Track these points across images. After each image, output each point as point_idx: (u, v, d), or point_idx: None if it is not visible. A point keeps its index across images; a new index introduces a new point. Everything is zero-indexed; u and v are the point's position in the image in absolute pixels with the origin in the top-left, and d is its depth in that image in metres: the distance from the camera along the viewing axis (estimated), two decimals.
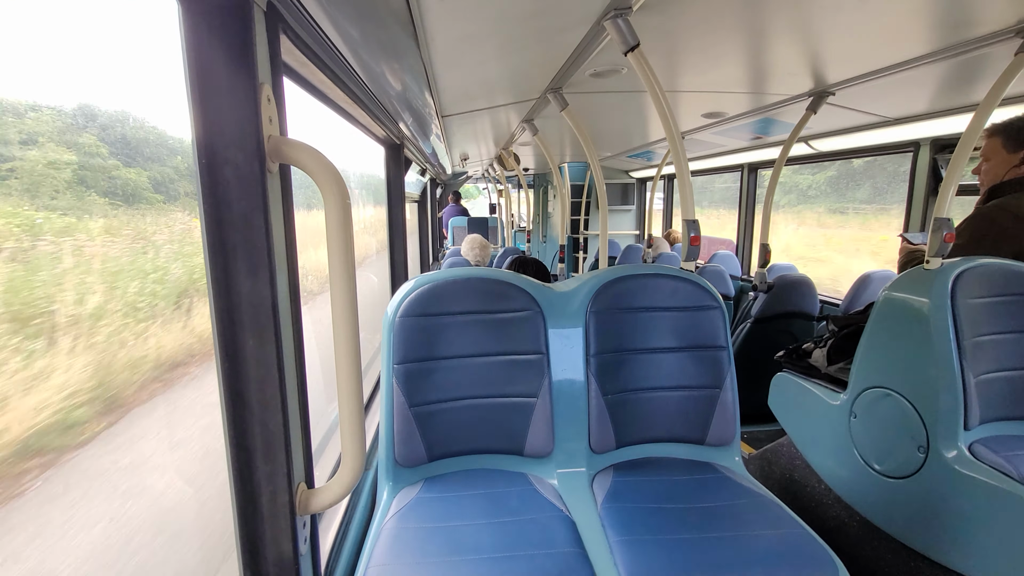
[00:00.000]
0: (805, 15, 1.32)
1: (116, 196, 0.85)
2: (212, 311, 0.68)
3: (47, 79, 0.68)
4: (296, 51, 0.92)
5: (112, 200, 0.83)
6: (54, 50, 0.68)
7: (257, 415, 0.71)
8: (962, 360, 1.35)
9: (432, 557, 0.98)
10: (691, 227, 1.44)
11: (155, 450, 0.91)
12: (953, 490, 1.30)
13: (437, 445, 1.31)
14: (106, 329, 0.77)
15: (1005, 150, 1.64)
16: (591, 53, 1.57)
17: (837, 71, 1.83)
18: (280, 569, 0.76)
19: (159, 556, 0.86)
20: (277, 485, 0.73)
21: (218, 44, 0.63)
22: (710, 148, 3.83)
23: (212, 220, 0.66)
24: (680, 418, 1.42)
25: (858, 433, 1.60)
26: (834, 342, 1.84)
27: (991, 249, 1.54)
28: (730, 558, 0.99)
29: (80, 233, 0.75)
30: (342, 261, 0.72)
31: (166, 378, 0.92)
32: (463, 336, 1.34)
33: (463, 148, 4.47)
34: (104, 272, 0.79)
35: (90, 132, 0.78)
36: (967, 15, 1.30)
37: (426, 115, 2.36)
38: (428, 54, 1.53)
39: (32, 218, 0.67)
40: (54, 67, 0.69)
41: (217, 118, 0.64)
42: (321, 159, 0.71)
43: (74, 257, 0.73)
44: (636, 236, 6.14)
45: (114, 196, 0.84)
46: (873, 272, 2.86)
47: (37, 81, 0.67)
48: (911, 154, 2.66)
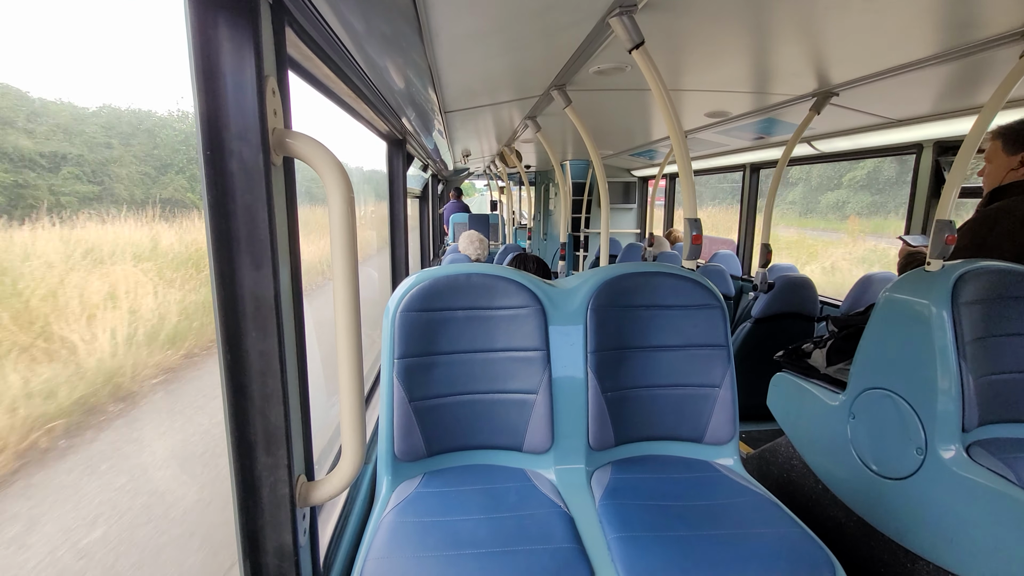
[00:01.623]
0: (810, 15, 1.32)
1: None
2: (215, 303, 0.68)
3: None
4: (301, 45, 0.92)
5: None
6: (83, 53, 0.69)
7: (258, 407, 0.72)
8: (961, 362, 1.35)
9: (430, 551, 0.99)
10: (693, 226, 1.44)
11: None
12: (950, 492, 1.31)
13: (436, 440, 1.32)
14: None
15: (1005, 153, 1.65)
16: (596, 50, 1.57)
17: (841, 72, 1.82)
18: (280, 560, 0.77)
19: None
20: (277, 477, 0.74)
21: (224, 37, 0.63)
22: (712, 147, 3.83)
23: (216, 212, 0.66)
24: (679, 416, 1.42)
25: (856, 434, 1.60)
26: (834, 343, 1.84)
27: (992, 252, 1.54)
28: (727, 556, 0.99)
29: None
30: (345, 254, 0.72)
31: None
32: (464, 332, 1.34)
33: (465, 144, 4.47)
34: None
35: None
36: (972, 17, 1.30)
37: (429, 111, 2.36)
38: (432, 50, 1.53)
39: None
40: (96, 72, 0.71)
41: (222, 110, 0.64)
42: (325, 152, 0.71)
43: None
44: (637, 235, 6.14)
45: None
46: (874, 274, 2.86)
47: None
48: (914, 156, 2.66)
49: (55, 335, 0.77)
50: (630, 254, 4.70)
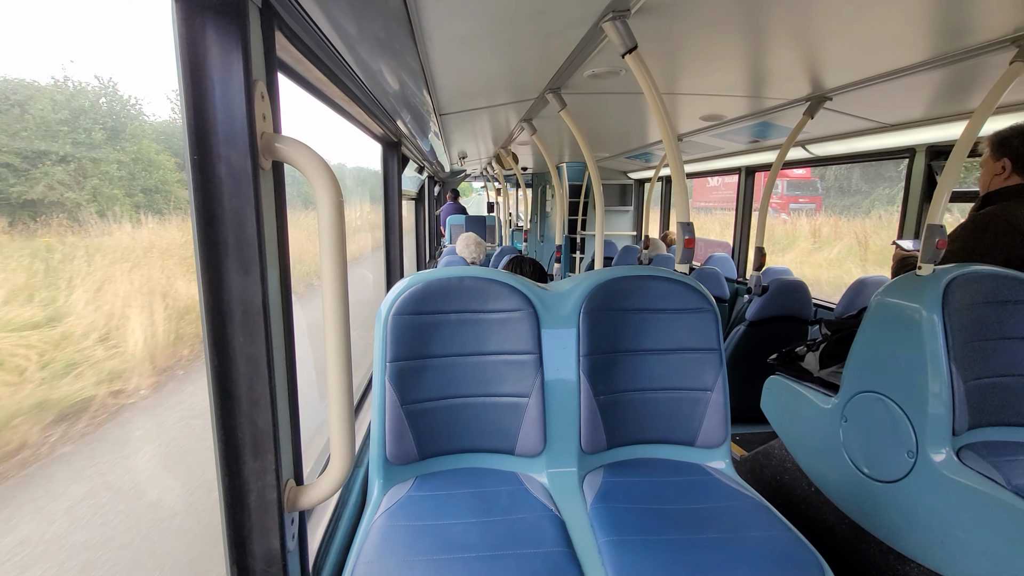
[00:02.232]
0: (803, 20, 1.32)
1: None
2: (202, 308, 0.68)
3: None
4: (291, 48, 0.92)
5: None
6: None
7: (246, 412, 0.72)
8: (952, 366, 1.36)
9: (421, 555, 0.98)
10: (686, 229, 1.44)
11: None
12: (941, 495, 1.31)
13: (428, 443, 1.31)
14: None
15: (992, 159, 1.67)
16: (589, 54, 1.57)
17: (834, 76, 1.83)
18: (267, 565, 0.76)
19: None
20: (265, 482, 0.73)
21: (212, 40, 0.63)
22: (708, 150, 3.84)
23: (203, 216, 0.66)
24: (671, 420, 1.42)
25: (848, 437, 1.61)
26: (827, 346, 1.85)
27: (983, 256, 1.55)
28: (717, 560, 1.00)
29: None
30: (334, 259, 0.72)
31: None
32: (456, 335, 1.34)
33: (461, 146, 4.47)
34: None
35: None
36: (964, 23, 1.31)
37: (424, 113, 2.36)
38: (426, 52, 1.53)
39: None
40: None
41: (210, 114, 0.64)
42: (314, 157, 0.71)
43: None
44: (633, 237, 6.14)
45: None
46: (867, 277, 2.87)
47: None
48: (907, 160, 2.68)
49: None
50: (626, 257, 4.71)
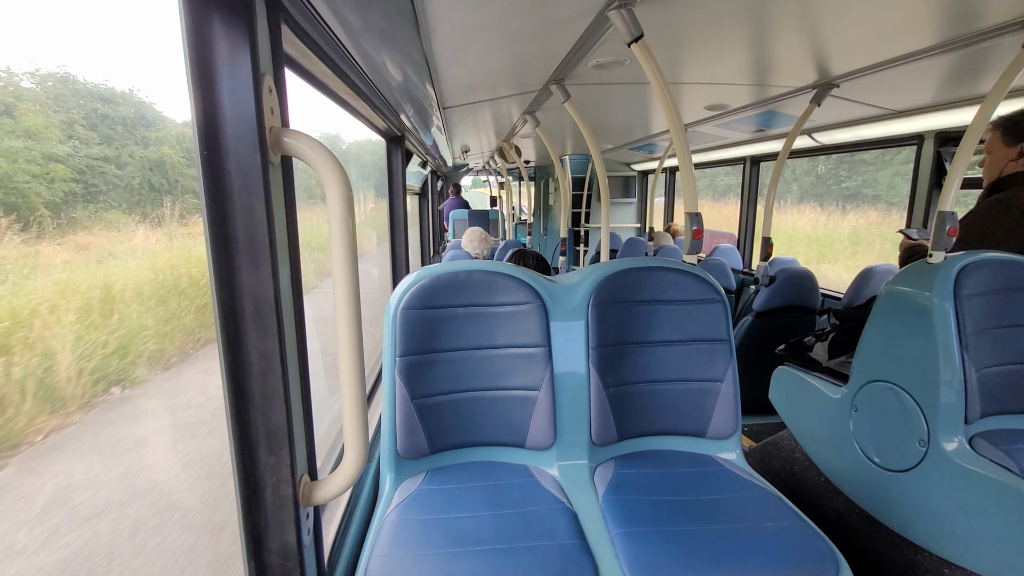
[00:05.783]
0: (810, 6, 1.30)
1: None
2: (214, 303, 0.68)
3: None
4: (298, 41, 0.91)
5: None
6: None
7: (260, 407, 0.72)
8: (964, 354, 1.35)
9: (434, 548, 0.99)
10: (694, 220, 1.43)
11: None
12: (953, 483, 1.31)
13: (439, 437, 1.32)
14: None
15: (1004, 144, 1.64)
16: (594, 44, 1.55)
17: (842, 63, 1.81)
18: (284, 559, 0.77)
19: None
20: (280, 477, 0.74)
21: (220, 34, 0.62)
22: (713, 140, 3.81)
23: (214, 212, 0.66)
24: (681, 411, 1.42)
25: (859, 426, 1.60)
26: (835, 336, 1.84)
27: (994, 243, 1.54)
28: (731, 550, 1.00)
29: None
30: (344, 252, 0.72)
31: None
32: (465, 329, 1.34)
33: (464, 140, 4.45)
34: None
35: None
36: (973, 6, 1.28)
37: (427, 106, 2.35)
38: (430, 45, 1.52)
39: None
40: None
41: (219, 109, 0.64)
42: (323, 150, 0.71)
43: None
44: (637, 229, 6.12)
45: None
46: (875, 266, 2.85)
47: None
48: (915, 147, 2.65)
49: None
50: (631, 248, 4.69)
